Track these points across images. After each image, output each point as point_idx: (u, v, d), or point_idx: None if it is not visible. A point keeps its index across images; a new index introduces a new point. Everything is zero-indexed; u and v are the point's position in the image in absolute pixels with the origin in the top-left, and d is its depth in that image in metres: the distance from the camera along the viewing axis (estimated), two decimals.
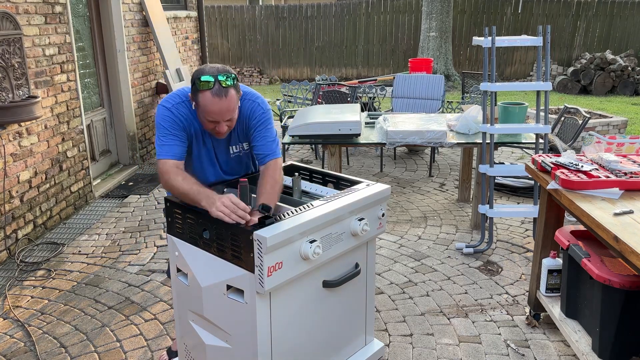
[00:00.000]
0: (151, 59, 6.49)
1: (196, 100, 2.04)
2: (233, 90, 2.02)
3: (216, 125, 2.08)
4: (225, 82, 1.99)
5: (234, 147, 2.31)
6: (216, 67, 2.03)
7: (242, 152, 2.35)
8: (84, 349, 2.82)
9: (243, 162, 2.41)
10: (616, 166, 2.53)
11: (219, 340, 2.09)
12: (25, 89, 3.90)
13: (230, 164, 2.37)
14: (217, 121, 2.06)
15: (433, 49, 12.14)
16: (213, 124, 2.08)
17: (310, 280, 2.07)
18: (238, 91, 2.07)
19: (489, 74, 3.68)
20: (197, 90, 2.01)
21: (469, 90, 7.38)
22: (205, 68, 2.03)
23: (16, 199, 3.92)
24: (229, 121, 2.09)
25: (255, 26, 13.59)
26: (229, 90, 2.00)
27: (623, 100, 10.30)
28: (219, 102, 1.99)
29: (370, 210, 2.23)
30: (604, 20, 12.79)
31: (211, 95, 1.99)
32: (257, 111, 2.23)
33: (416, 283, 3.47)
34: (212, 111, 2.02)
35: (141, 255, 3.90)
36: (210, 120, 2.06)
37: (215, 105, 2.00)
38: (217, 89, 1.98)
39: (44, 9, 4.26)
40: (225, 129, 2.10)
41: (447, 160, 6.27)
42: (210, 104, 2.00)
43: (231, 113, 2.06)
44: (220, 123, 2.07)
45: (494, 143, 3.81)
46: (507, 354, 2.75)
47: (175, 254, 2.17)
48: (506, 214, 3.93)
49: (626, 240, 1.92)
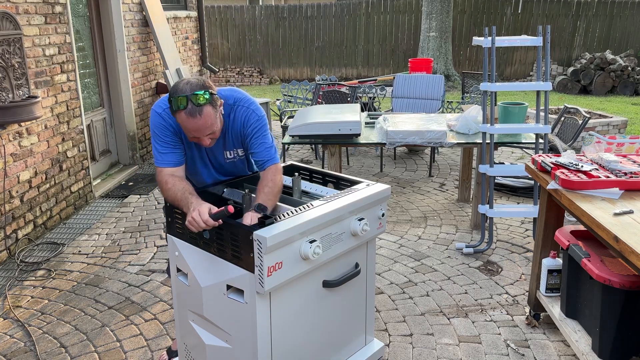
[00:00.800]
0: (151, 59, 6.49)
1: (174, 117, 2.05)
2: (208, 107, 1.98)
3: (199, 139, 2.08)
4: (198, 101, 1.95)
5: (228, 153, 2.30)
6: (190, 84, 1.98)
7: (236, 157, 2.33)
8: (84, 349, 2.82)
9: (238, 167, 2.40)
10: (616, 166, 2.53)
11: (219, 340, 2.09)
12: (25, 89, 3.90)
13: (225, 168, 2.37)
14: (198, 136, 2.05)
15: (433, 49, 12.14)
16: (196, 139, 2.08)
17: (310, 280, 2.07)
18: (215, 106, 2.02)
19: (489, 74, 3.68)
20: (174, 111, 1.99)
21: (469, 90, 7.38)
22: (179, 85, 1.99)
23: (16, 199, 3.92)
24: (211, 134, 2.07)
25: (255, 26, 13.59)
26: (202, 108, 1.96)
27: (623, 100, 10.30)
28: (194, 121, 1.97)
29: (370, 210, 2.23)
30: (604, 20, 12.78)
31: (185, 116, 1.96)
32: (251, 118, 2.21)
33: (416, 283, 3.47)
34: (189, 129, 2.01)
35: (141, 255, 3.90)
36: (192, 137, 2.07)
37: (190, 124, 1.98)
38: (190, 109, 1.95)
39: (44, 9, 4.26)
40: (208, 142, 2.09)
41: (447, 160, 6.27)
42: (187, 124, 1.99)
43: (210, 128, 2.03)
44: (200, 138, 2.06)
45: (494, 143, 3.81)
46: (507, 354, 2.75)
47: (175, 254, 2.17)
48: (506, 214, 3.93)
49: (626, 240, 1.92)
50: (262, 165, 2.22)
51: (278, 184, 2.15)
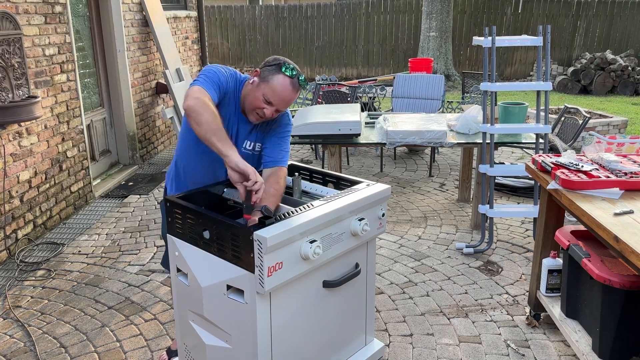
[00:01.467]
0: (151, 59, 6.49)
1: (269, 78, 2.09)
2: (298, 91, 2.15)
3: (268, 107, 2.12)
4: (301, 82, 2.13)
5: (248, 143, 2.29)
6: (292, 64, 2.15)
7: (252, 152, 2.31)
8: (84, 349, 2.82)
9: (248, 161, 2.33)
10: (616, 166, 2.53)
11: (219, 340, 2.09)
12: (25, 89, 3.90)
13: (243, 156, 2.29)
14: (273, 105, 2.11)
15: (433, 49, 12.14)
16: (267, 105, 2.11)
17: (311, 280, 2.07)
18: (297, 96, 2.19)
19: (489, 74, 3.68)
20: (279, 72, 2.08)
21: (469, 90, 7.38)
22: (286, 59, 2.13)
23: (16, 199, 3.92)
24: (277, 112, 2.16)
25: (255, 26, 13.59)
26: (299, 88, 2.14)
27: (623, 100, 10.30)
28: (290, 91, 2.10)
29: (371, 210, 2.22)
30: (604, 20, 12.78)
31: (289, 83, 2.09)
32: (284, 119, 2.32)
33: (416, 283, 3.47)
34: (281, 95, 2.09)
35: (141, 255, 3.90)
36: (267, 101, 2.10)
37: (287, 91, 2.09)
38: (295, 81, 2.10)
39: (44, 9, 4.26)
40: (269, 114, 2.14)
41: (447, 160, 6.27)
42: (283, 89, 2.08)
43: (287, 106, 2.15)
44: (272, 107, 2.12)
45: (494, 143, 3.81)
46: (507, 354, 2.75)
47: (175, 254, 2.17)
48: (506, 214, 3.93)
49: (626, 240, 1.92)
50: (270, 162, 2.25)
51: (282, 187, 2.21)
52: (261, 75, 2.12)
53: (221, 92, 2.13)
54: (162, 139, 6.87)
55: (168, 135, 7.10)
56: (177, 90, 6.26)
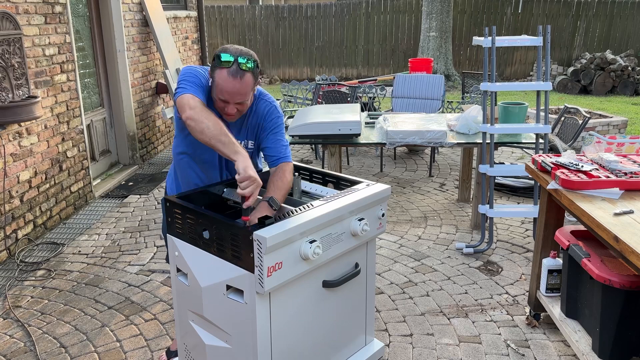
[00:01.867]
0: (151, 59, 6.49)
1: (213, 76, 2.04)
2: (250, 74, 2.01)
3: (226, 105, 2.06)
4: (245, 65, 1.99)
5: (241, 143, 2.24)
6: (239, 49, 2.02)
7: (246, 149, 2.24)
8: (84, 349, 2.82)
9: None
10: (616, 166, 2.53)
11: (218, 340, 2.09)
12: (25, 89, 3.90)
13: None
14: (228, 101, 2.05)
15: (433, 49, 12.14)
16: (223, 103, 2.06)
17: (310, 280, 2.07)
18: (256, 78, 2.05)
19: (489, 74, 3.68)
20: (216, 66, 2.01)
21: (469, 90, 7.38)
22: (229, 47, 2.03)
23: (16, 199, 3.92)
24: (239, 104, 2.07)
25: (255, 26, 13.59)
26: (245, 73, 2.00)
27: (623, 100, 10.30)
28: (233, 82, 1.99)
29: (370, 210, 2.22)
30: (604, 20, 12.78)
31: (227, 75, 1.99)
32: (273, 113, 2.25)
33: (416, 283, 3.47)
34: (226, 90, 2.01)
35: (141, 255, 3.90)
36: (221, 99, 2.05)
37: (229, 84, 1.99)
38: (234, 70, 1.98)
39: (44, 9, 4.26)
40: (234, 112, 2.08)
41: (447, 160, 6.27)
42: (224, 82, 2.00)
43: (243, 97, 2.04)
44: (229, 104, 2.06)
45: (494, 143, 3.81)
46: (507, 354, 2.75)
47: (175, 254, 2.17)
48: (506, 214, 3.93)
49: (626, 240, 1.92)
50: (275, 161, 2.24)
51: (289, 181, 2.20)
52: (211, 75, 2.06)
53: (205, 94, 2.10)
54: (162, 139, 6.87)
55: (168, 135, 7.10)
56: None
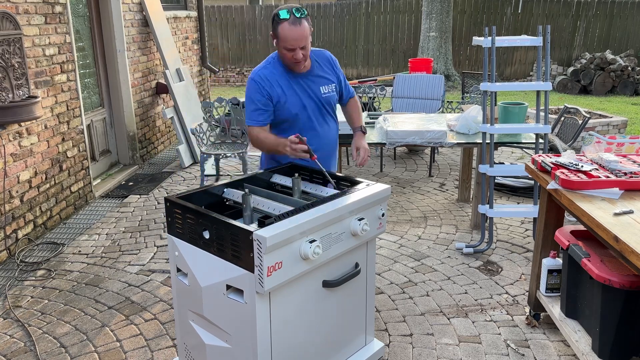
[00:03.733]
0: (151, 59, 6.49)
1: (276, 33, 2.42)
2: (305, 20, 2.41)
3: (293, 53, 2.43)
4: (299, 13, 2.38)
5: (324, 88, 2.66)
6: (289, 5, 2.42)
7: (330, 93, 2.69)
8: (84, 349, 2.82)
9: (332, 101, 2.73)
10: (616, 166, 2.53)
11: (219, 340, 2.09)
12: (25, 89, 3.90)
13: (323, 102, 2.68)
14: (294, 48, 2.41)
15: (433, 49, 12.14)
16: (291, 52, 2.43)
17: (310, 280, 2.07)
18: (309, 23, 2.44)
19: (489, 74, 3.68)
20: (277, 23, 2.39)
21: (469, 90, 7.38)
22: (281, 7, 2.41)
23: (16, 199, 3.92)
24: (303, 49, 2.44)
25: (255, 26, 13.59)
26: (302, 20, 2.39)
27: (623, 100, 10.30)
28: (295, 29, 2.37)
29: (370, 210, 2.23)
30: (604, 20, 12.78)
31: (288, 25, 2.38)
32: (334, 58, 2.76)
33: (416, 283, 3.47)
34: (290, 38, 2.39)
35: (141, 255, 3.90)
36: (288, 49, 2.42)
37: (292, 32, 2.38)
38: (292, 19, 2.38)
39: (44, 9, 4.26)
40: (301, 57, 2.45)
41: (447, 160, 6.27)
42: (288, 32, 2.38)
43: (304, 40, 2.41)
44: (296, 50, 2.42)
45: (494, 143, 3.81)
46: (507, 354, 2.75)
47: (175, 254, 2.17)
48: (506, 214, 3.93)
49: (626, 240, 1.92)
50: (346, 97, 2.87)
51: (359, 105, 2.92)
52: (273, 36, 2.45)
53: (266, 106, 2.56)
54: (162, 139, 6.87)
55: (168, 135, 7.10)
56: (177, 90, 6.26)
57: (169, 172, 5.91)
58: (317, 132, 2.67)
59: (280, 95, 2.56)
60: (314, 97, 2.63)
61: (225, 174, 5.79)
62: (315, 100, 2.64)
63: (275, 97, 2.56)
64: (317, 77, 2.65)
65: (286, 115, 2.61)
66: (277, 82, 2.56)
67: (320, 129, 2.70)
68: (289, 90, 2.57)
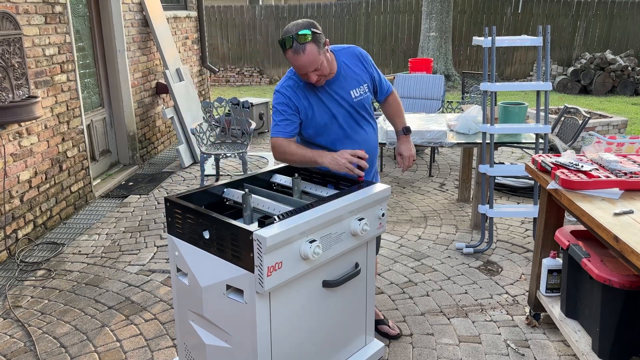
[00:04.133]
0: (151, 59, 6.49)
1: (287, 59, 2.32)
2: (311, 45, 2.24)
3: (307, 76, 2.32)
4: (303, 39, 2.22)
5: (355, 91, 2.49)
6: (297, 25, 2.26)
7: (363, 95, 2.51)
8: (84, 349, 2.82)
9: (366, 104, 2.56)
10: (616, 166, 2.53)
11: (219, 340, 2.09)
12: (25, 89, 3.90)
13: (356, 107, 2.52)
14: (306, 74, 2.31)
15: (433, 49, 12.14)
16: (305, 76, 2.33)
17: (310, 280, 2.07)
18: (318, 44, 2.26)
19: (489, 74, 3.68)
20: (284, 51, 2.29)
21: (469, 90, 7.38)
22: (289, 26, 2.27)
23: (16, 199, 3.92)
24: (315, 71, 2.30)
25: (255, 26, 13.59)
26: (305, 46, 2.23)
27: (623, 100, 10.30)
28: (299, 58, 2.25)
29: (370, 210, 2.23)
30: (604, 20, 12.78)
31: (292, 54, 2.26)
32: (366, 54, 2.57)
33: (416, 283, 3.47)
34: (296, 66, 2.30)
35: (141, 255, 3.90)
36: (302, 74, 2.33)
37: (296, 61, 2.27)
38: (295, 47, 2.24)
39: (44, 9, 4.26)
40: (315, 78, 2.32)
41: (447, 160, 6.27)
42: (293, 60, 2.28)
43: (313, 65, 2.27)
44: (307, 74, 2.31)
45: (494, 143, 3.81)
46: (507, 354, 2.75)
47: (175, 254, 2.17)
48: (506, 214, 3.93)
49: (626, 240, 1.92)
50: (385, 92, 2.67)
51: (400, 103, 2.74)
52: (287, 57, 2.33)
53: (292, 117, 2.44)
54: (162, 139, 6.87)
55: (168, 135, 7.10)
56: (177, 90, 6.26)
57: (169, 172, 5.91)
58: (352, 140, 2.51)
59: (307, 108, 2.44)
60: (344, 103, 2.47)
61: (225, 174, 5.79)
62: (345, 107, 2.48)
63: (302, 110, 2.44)
64: (345, 81, 2.47)
65: (315, 126, 2.47)
66: (302, 92, 2.44)
67: (357, 136, 2.53)
68: (315, 101, 2.44)
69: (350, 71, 2.49)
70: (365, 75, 2.54)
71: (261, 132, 7.74)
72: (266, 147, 6.98)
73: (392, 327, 2.90)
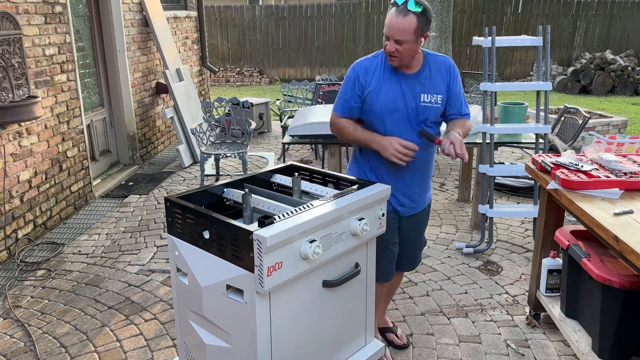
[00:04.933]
0: (151, 59, 6.49)
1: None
2: (414, 16, 2.16)
3: (387, 42, 2.23)
4: (412, 6, 2.15)
5: (425, 96, 2.36)
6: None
7: (432, 104, 2.36)
8: (84, 349, 2.82)
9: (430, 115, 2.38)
10: (616, 166, 2.53)
11: (219, 340, 2.09)
12: (25, 89, 3.90)
13: (417, 111, 2.36)
14: (388, 37, 2.22)
15: (433, 49, 12.11)
16: (386, 40, 2.23)
17: (310, 280, 2.07)
18: (420, 21, 2.18)
19: (489, 74, 3.68)
20: (391, 7, 2.21)
21: (469, 90, 7.38)
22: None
23: (16, 199, 3.92)
24: (398, 43, 2.20)
25: (255, 26, 13.59)
26: (409, 13, 2.16)
27: (623, 100, 10.31)
28: (396, 18, 2.17)
29: (370, 210, 2.22)
30: (604, 20, 12.79)
31: (394, 11, 2.19)
32: (455, 69, 2.42)
33: (416, 283, 3.47)
34: (388, 24, 2.20)
35: (141, 255, 3.90)
36: (385, 35, 2.23)
37: (392, 19, 2.19)
38: (401, 8, 2.17)
39: (44, 9, 4.26)
40: (392, 49, 2.22)
41: (447, 160, 6.27)
42: (389, 18, 2.20)
43: (402, 34, 2.18)
44: (390, 40, 2.22)
45: (494, 143, 3.81)
46: (507, 354, 2.75)
47: (175, 253, 2.17)
48: (506, 214, 3.93)
49: (626, 240, 1.92)
50: (457, 114, 2.44)
51: (468, 130, 2.43)
52: None
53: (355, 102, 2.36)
54: (162, 139, 6.87)
55: (168, 135, 7.10)
56: (177, 90, 6.26)
57: (169, 172, 5.91)
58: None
59: (373, 86, 2.33)
60: (410, 101, 2.33)
61: (225, 174, 5.79)
62: (409, 105, 2.33)
63: (367, 87, 2.33)
64: (421, 82, 2.34)
65: (371, 110, 2.36)
66: (377, 72, 2.34)
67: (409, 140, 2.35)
68: (385, 83, 2.33)
69: (430, 75, 2.36)
70: (443, 87, 2.38)
71: (261, 132, 7.74)
72: (266, 147, 6.98)
73: (399, 337, 2.84)
